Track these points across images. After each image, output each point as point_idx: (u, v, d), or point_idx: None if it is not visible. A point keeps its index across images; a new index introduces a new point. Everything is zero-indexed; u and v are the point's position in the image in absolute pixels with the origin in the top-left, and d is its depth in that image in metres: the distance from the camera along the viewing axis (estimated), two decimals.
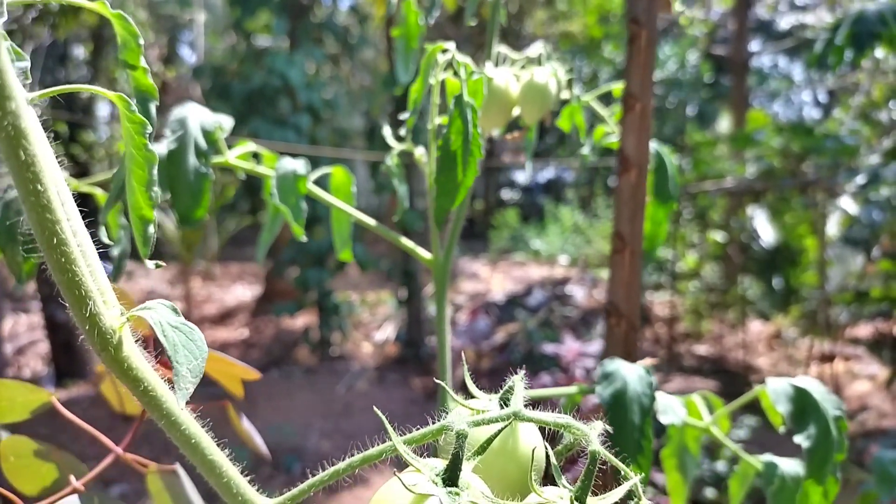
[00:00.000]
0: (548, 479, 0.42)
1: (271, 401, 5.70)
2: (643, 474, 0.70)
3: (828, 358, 6.04)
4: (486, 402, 0.44)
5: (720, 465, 4.16)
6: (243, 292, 10.15)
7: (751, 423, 4.43)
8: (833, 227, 6.54)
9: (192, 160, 0.73)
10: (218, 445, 0.40)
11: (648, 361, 0.75)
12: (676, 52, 9.23)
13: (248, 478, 0.42)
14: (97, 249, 0.38)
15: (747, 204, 6.85)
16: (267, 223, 0.92)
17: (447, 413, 0.40)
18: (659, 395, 0.78)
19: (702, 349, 7.08)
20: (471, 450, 0.40)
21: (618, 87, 0.98)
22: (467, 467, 0.39)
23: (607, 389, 0.71)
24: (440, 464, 0.39)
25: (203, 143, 0.74)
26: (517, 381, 0.42)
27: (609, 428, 0.42)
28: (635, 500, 0.38)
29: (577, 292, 8.45)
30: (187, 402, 0.37)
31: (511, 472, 0.43)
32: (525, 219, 12.57)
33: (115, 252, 0.94)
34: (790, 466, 0.79)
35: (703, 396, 0.89)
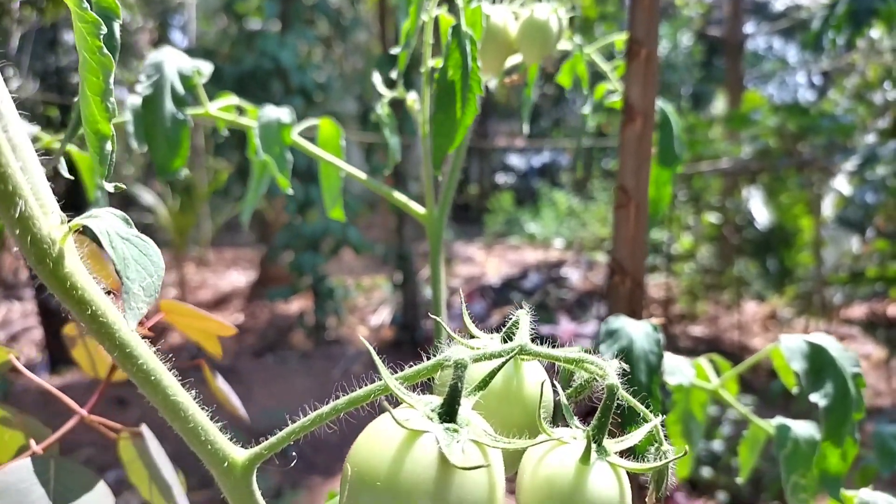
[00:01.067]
0: (558, 425, 0.38)
1: (267, 386, 5.66)
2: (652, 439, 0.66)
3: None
4: (488, 340, 0.40)
5: (717, 445, 4.15)
6: (238, 278, 10.11)
7: (748, 402, 4.41)
8: (828, 208, 6.52)
9: (169, 106, 0.68)
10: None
11: (656, 320, 0.71)
12: (669, 33, 9.16)
13: None
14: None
15: (743, 185, 6.82)
16: (252, 183, 0.88)
17: (443, 352, 0.36)
18: (666, 355, 0.74)
19: (697, 330, 7.07)
20: (471, 388, 0.35)
21: (620, 39, 0.93)
22: (467, 404, 0.35)
23: (612, 347, 0.67)
24: (437, 400, 0.34)
25: (180, 89, 0.69)
26: (522, 315, 0.38)
27: (626, 366, 0.38)
28: (656, 444, 0.34)
29: (573, 275, 8.43)
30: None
31: (516, 416, 0.39)
32: (520, 202, 12.53)
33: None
34: (804, 429, 0.75)
35: (710, 360, 0.85)
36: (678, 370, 0.75)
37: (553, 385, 0.38)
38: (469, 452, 0.32)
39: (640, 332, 0.68)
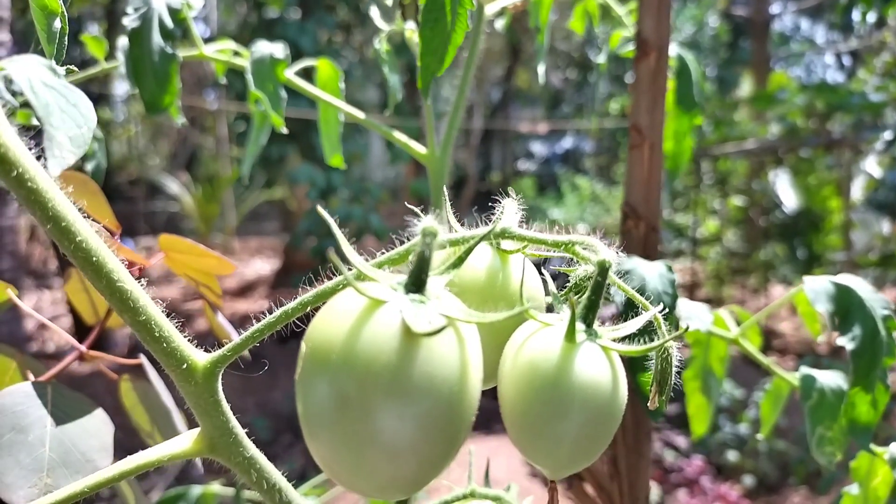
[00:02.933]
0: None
1: (291, 371, 5.66)
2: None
3: None
4: (471, 231, 0.36)
5: (743, 428, 4.08)
6: (262, 266, 10.18)
7: (768, 386, 4.34)
8: (857, 191, 6.39)
9: (157, 40, 0.65)
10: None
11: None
12: (695, 15, 9.01)
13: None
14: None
15: (769, 167, 6.71)
16: (252, 134, 0.85)
17: None
18: (683, 300, 0.70)
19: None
20: (444, 266, 0.32)
21: None
22: (439, 282, 0.31)
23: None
24: (405, 278, 0.31)
25: (169, 22, 0.66)
26: (509, 202, 0.35)
27: (622, 254, 0.34)
28: (659, 345, 0.31)
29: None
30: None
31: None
32: (542, 189, 12.44)
33: (89, 167, 0.87)
34: (830, 378, 0.71)
35: (731, 310, 0.81)
36: (695, 315, 0.71)
37: (544, 281, 0.35)
38: (437, 325, 0.29)
39: (653, 272, 0.64)
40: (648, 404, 0.35)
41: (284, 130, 0.75)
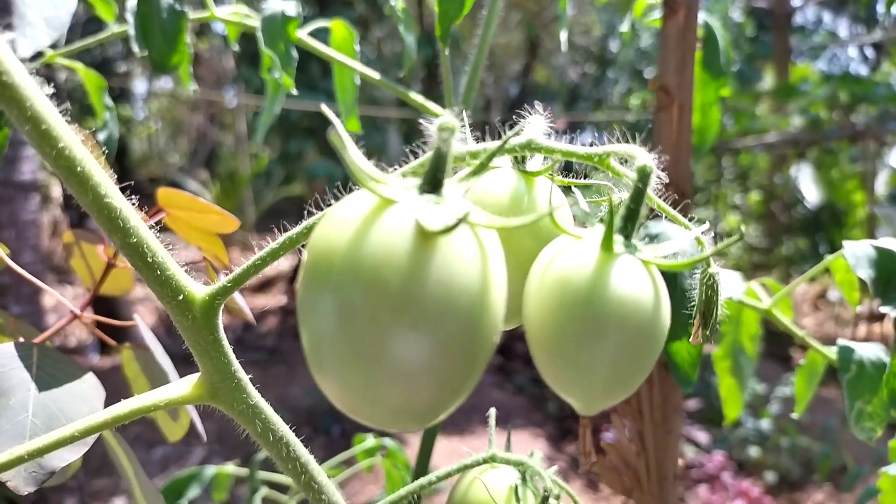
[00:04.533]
0: None
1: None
2: (695, 351, 0.59)
3: (877, 317, 5.82)
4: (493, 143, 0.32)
5: (765, 424, 4.02)
6: (281, 261, 10.21)
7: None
8: (882, 185, 6.30)
9: None
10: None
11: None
12: (720, 10, 8.91)
13: None
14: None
15: (791, 161, 6.62)
16: (267, 102, 0.83)
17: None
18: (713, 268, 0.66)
19: None
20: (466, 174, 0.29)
21: None
22: (457, 189, 0.28)
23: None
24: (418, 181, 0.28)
25: None
26: (535, 116, 0.32)
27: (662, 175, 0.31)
28: (703, 267, 0.28)
29: None
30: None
31: (526, 244, 0.33)
32: None
33: (102, 137, 0.85)
34: (870, 350, 0.67)
35: (762, 283, 0.78)
36: (726, 283, 0.67)
37: (573, 204, 0.32)
38: (455, 219, 0.25)
39: (685, 237, 0.61)
40: (691, 339, 0.32)
41: (294, 91, 0.73)
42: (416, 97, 0.73)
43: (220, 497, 1.01)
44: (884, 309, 0.60)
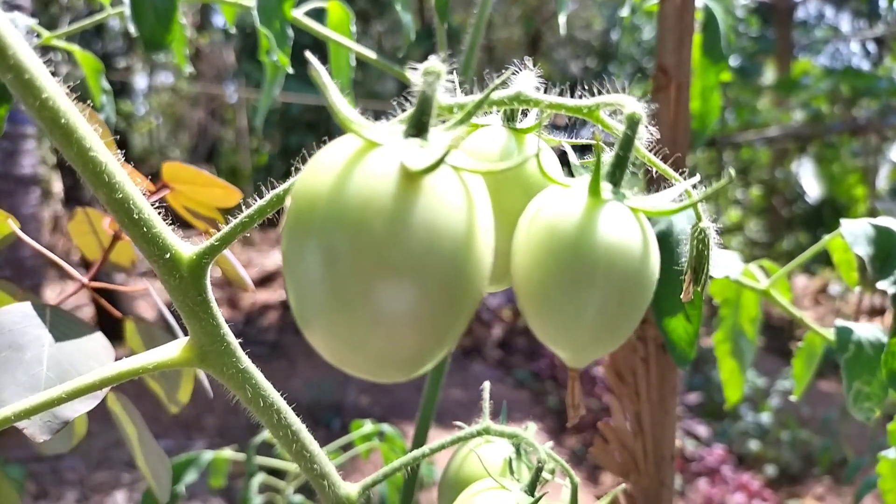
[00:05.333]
0: None
1: (310, 359, 5.69)
2: (692, 329, 0.59)
3: (877, 312, 5.82)
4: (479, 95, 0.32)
5: (765, 418, 4.02)
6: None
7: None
8: (883, 180, 6.29)
9: None
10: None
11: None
12: (724, 4, 8.87)
13: None
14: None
15: (792, 155, 6.62)
16: (265, 85, 0.82)
17: None
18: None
19: None
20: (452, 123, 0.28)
21: None
22: (443, 137, 0.27)
23: None
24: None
25: None
26: (526, 71, 0.31)
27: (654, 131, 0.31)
28: (694, 221, 0.27)
29: None
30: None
31: (514, 200, 0.32)
32: None
33: (101, 118, 0.85)
34: (868, 331, 0.67)
35: (760, 265, 0.77)
36: (724, 263, 0.67)
37: (562, 161, 0.32)
38: (438, 156, 0.25)
39: (680, 215, 0.61)
40: (682, 296, 0.32)
41: (290, 70, 0.72)
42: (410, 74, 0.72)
43: (217, 483, 1.01)
44: (881, 285, 0.60)
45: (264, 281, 8.86)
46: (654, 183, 0.32)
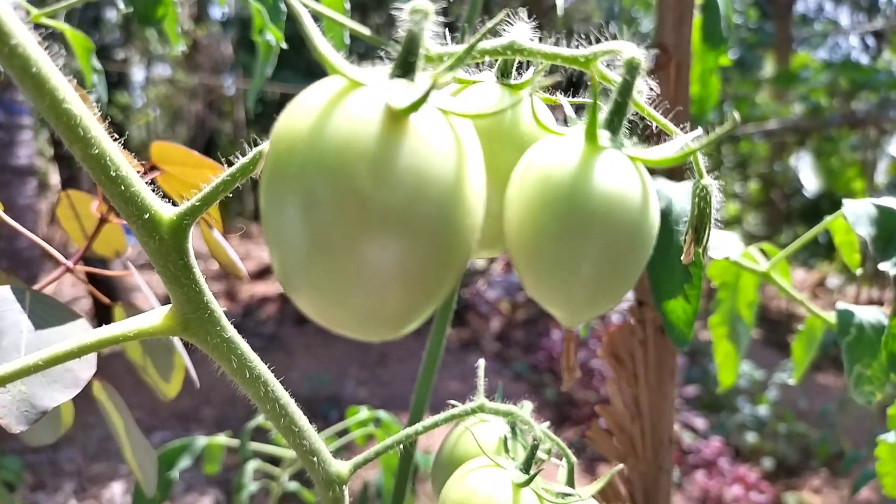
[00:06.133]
0: None
1: (308, 352, 5.69)
2: (691, 309, 0.57)
3: (876, 304, 5.82)
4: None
5: (762, 410, 4.02)
6: None
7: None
8: (881, 174, 6.28)
9: None
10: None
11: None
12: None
13: None
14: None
15: (791, 149, 6.60)
16: (258, 65, 0.81)
17: None
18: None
19: None
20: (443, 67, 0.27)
21: None
22: (430, 79, 0.26)
23: None
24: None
25: None
26: (521, 22, 0.30)
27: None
28: (696, 179, 0.26)
29: None
30: None
31: (507, 161, 0.31)
32: None
33: (92, 99, 0.84)
34: (869, 313, 0.66)
35: (760, 248, 0.76)
36: (724, 244, 0.66)
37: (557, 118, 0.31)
38: (422, 92, 0.24)
39: (680, 192, 0.60)
40: (682, 257, 0.31)
41: (284, 45, 0.71)
42: None
43: (212, 469, 1.00)
44: (883, 266, 0.59)
45: (262, 274, 8.85)
46: (655, 139, 0.31)
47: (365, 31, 0.69)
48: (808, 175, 6.59)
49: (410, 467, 0.69)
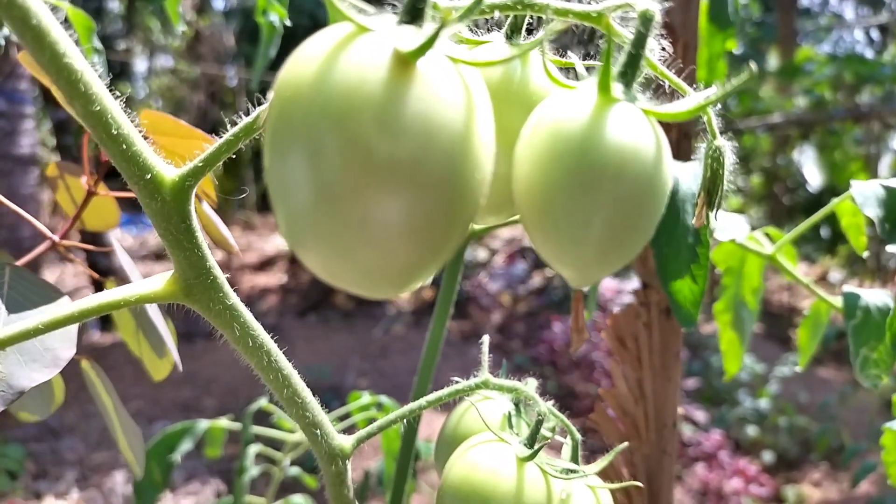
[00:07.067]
0: None
1: (309, 343, 5.69)
2: (698, 290, 0.57)
3: None
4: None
5: (763, 403, 4.02)
6: (282, 241, 10.21)
7: (795, 359, 4.26)
8: (885, 169, 6.26)
9: None
10: None
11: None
12: None
13: None
14: None
15: (794, 143, 6.58)
16: (261, 46, 0.80)
17: None
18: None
19: None
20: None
21: None
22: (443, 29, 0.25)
23: None
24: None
25: None
26: None
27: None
28: (709, 139, 0.26)
29: None
30: None
31: (516, 122, 0.30)
32: None
33: None
34: (876, 296, 0.65)
35: (765, 232, 0.76)
36: (730, 226, 0.66)
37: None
38: (429, 35, 0.23)
39: (686, 172, 0.59)
40: (694, 220, 0.30)
41: (287, 22, 0.71)
42: None
43: (213, 453, 1.00)
44: (890, 248, 0.58)
45: (264, 265, 8.86)
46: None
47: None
48: (811, 169, 6.57)
49: (412, 451, 0.69)
